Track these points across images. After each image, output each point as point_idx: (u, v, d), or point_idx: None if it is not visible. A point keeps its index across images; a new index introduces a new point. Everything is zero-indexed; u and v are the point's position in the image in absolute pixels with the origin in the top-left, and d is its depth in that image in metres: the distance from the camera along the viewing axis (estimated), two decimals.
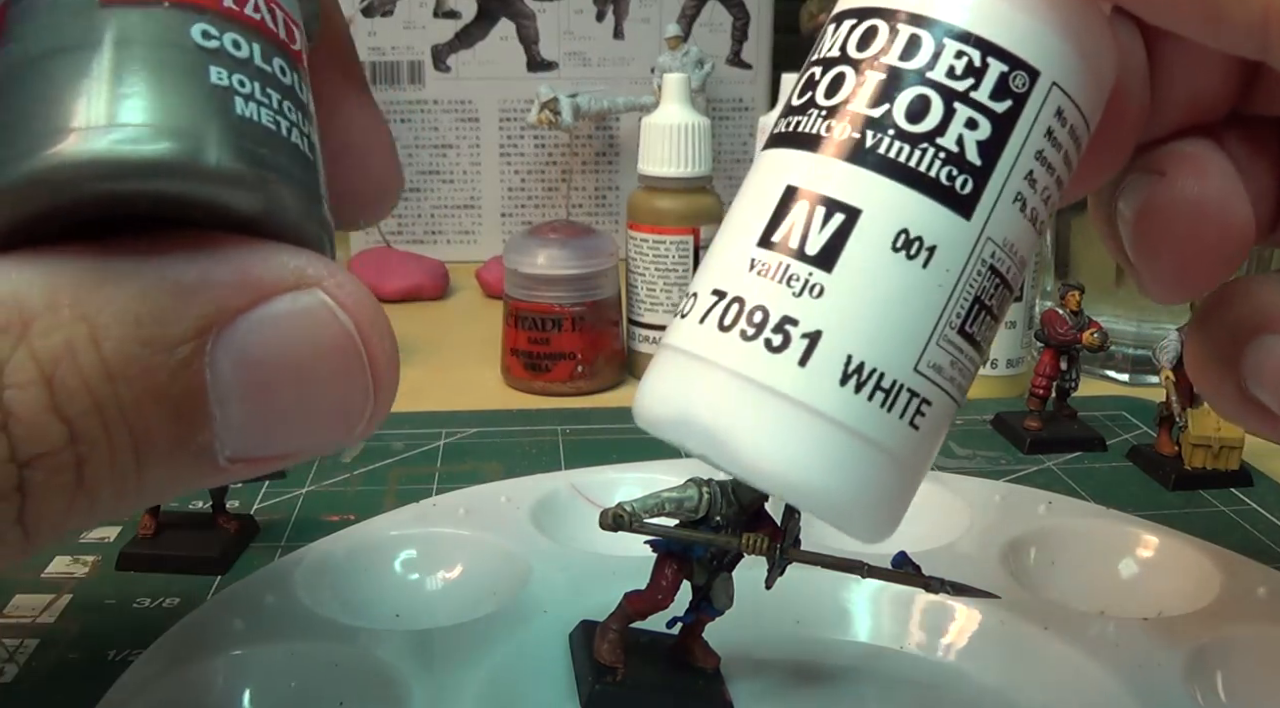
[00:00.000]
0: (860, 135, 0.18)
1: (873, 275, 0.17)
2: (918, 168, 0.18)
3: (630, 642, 0.31)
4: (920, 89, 0.18)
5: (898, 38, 0.18)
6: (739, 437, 0.18)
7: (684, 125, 0.61)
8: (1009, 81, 0.18)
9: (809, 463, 0.17)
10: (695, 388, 0.18)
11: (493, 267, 0.79)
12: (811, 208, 0.18)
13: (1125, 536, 0.39)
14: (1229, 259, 0.22)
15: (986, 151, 0.18)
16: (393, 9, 0.86)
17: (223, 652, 0.32)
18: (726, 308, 0.18)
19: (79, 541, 0.41)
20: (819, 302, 0.17)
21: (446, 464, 0.49)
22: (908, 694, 0.33)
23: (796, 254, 0.18)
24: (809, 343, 0.17)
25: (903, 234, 0.18)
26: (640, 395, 0.19)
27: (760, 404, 0.17)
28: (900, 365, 0.18)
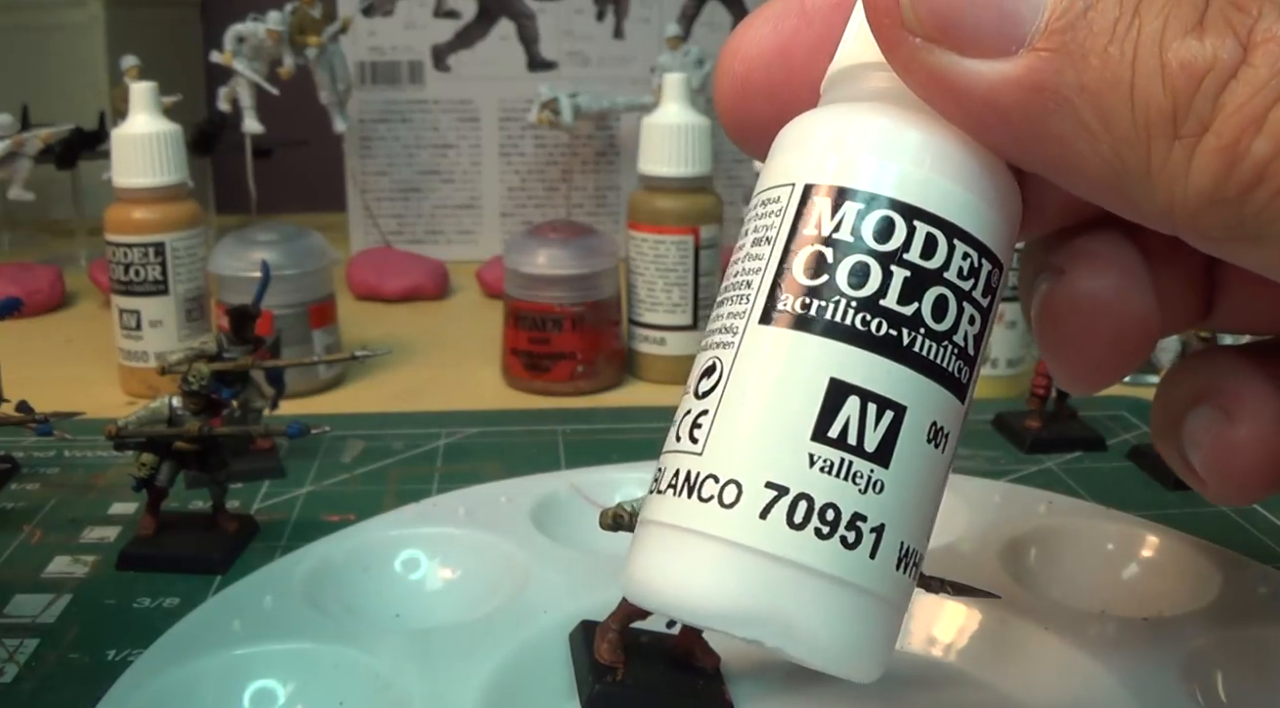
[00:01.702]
0: (898, 333, 0.19)
1: (918, 468, 0.19)
2: (943, 365, 0.19)
3: (630, 642, 0.31)
4: (941, 289, 0.19)
5: (915, 236, 0.19)
6: (816, 626, 0.19)
7: (684, 125, 0.61)
8: (991, 278, 0.20)
9: (868, 638, 0.19)
10: (769, 583, 0.19)
11: (493, 267, 0.79)
12: (864, 404, 0.19)
13: (1125, 536, 0.39)
14: (1130, 352, 0.23)
15: (977, 343, 0.20)
16: (393, 9, 0.86)
17: (223, 652, 0.32)
18: (793, 504, 0.18)
19: (79, 541, 0.41)
20: (881, 497, 0.19)
21: (446, 464, 0.49)
22: (908, 694, 0.33)
23: (856, 451, 0.19)
24: (876, 537, 0.19)
25: (934, 426, 0.19)
26: (667, 582, 0.19)
27: (837, 596, 0.19)
28: (923, 539, 0.20)
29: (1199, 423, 0.24)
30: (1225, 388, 0.24)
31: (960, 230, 0.19)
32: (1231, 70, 0.17)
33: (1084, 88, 0.17)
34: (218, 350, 0.42)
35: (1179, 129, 0.17)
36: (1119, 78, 0.17)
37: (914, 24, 0.19)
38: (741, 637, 0.19)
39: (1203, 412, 0.24)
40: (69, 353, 0.67)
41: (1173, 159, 0.17)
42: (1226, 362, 0.24)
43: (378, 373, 0.63)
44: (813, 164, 0.20)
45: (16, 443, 0.49)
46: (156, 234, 0.57)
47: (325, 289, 0.60)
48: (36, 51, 0.97)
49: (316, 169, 0.95)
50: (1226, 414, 0.23)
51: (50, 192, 0.86)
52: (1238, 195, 0.17)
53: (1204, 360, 0.25)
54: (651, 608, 0.20)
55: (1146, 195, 0.18)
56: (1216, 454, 0.24)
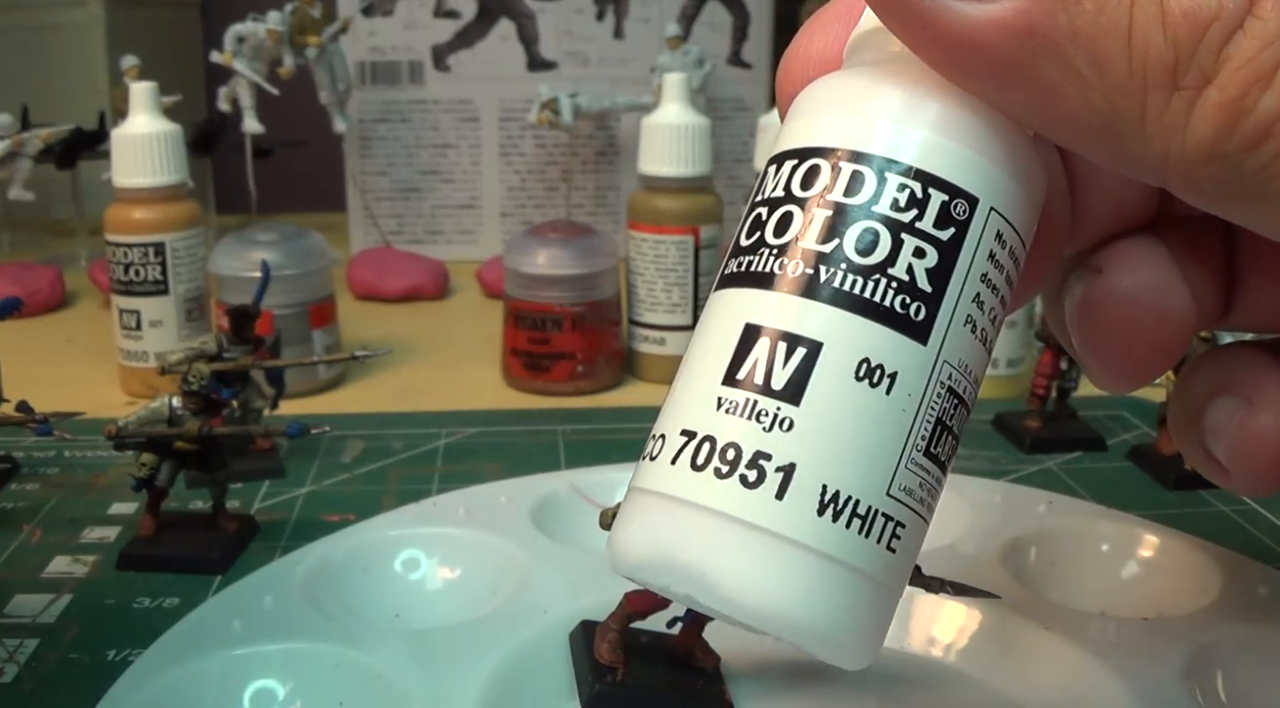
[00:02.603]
0: (814, 271, 0.18)
1: (839, 406, 0.18)
2: (872, 299, 0.18)
3: (630, 642, 0.31)
4: (868, 223, 0.18)
5: (840, 175, 0.19)
6: (723, 575, 0.18)
7: (684, 125, 0.61)
8: (951, 210, 0.19)
9: (794, 595, 0.18)
10: (674, 530, 0.18)
11: (493, 267, 0.79)
12: (773, 344, 0.18)
13: (1125, 535, 0.39)
14: (1169, 348, 0.23)
15: (935, 278, 0.19)
16: (393, 9, 0.86)
17: (223, 652, 0.32)
18: (698, 447, 0.18)
19: (79, 541, 0.41)
20: (789, 435, 0.18)
21: (446, 464, 0.49)
22: (908, 694, 0.33)
23: (762, 390, 0.18)
24: (784, 476, 0.18)
25: (864, 363, 0.18)
26: (616, 542, 0.19)
27: (741, 541, 0.18)
28: (874, 491, 0.18)
29: (1221, 413, 0.23)
30: (1246, 378, 0.23)
31: (895, 163, 0.19)
32: (1237, 21, 0.16)
33: (1077, 33, 0.17)
34: (218, 350, 0.42)
35: (1179, 80, 0.17)
36: (1115, 24, 0.17)
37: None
38: (659, 586, 0.19)
39: (1224, 402, 0.23)
40: (69, 353, 0.67)
41: (1171, 111, 0.17)
42: (1244, 355, 0.24)
43: (378, 373, 0.63)
44: (780, 138, 0.20)
45: (16, 443, 0.49)
46: (156, 234, 0.57)
47: (325, 289, 0.60)
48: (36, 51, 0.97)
49: (316, 169, 0.95)
50: (1249, 403, 0.23)
51: (50, 192, 0.86)
52: (1239, 151, 0.17)
53: (1221, 355, 0.24)
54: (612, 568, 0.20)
55: (1140, 146, 0.18)
56: (1241, 442, 0.23)
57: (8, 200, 0.79)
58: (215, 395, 0.40)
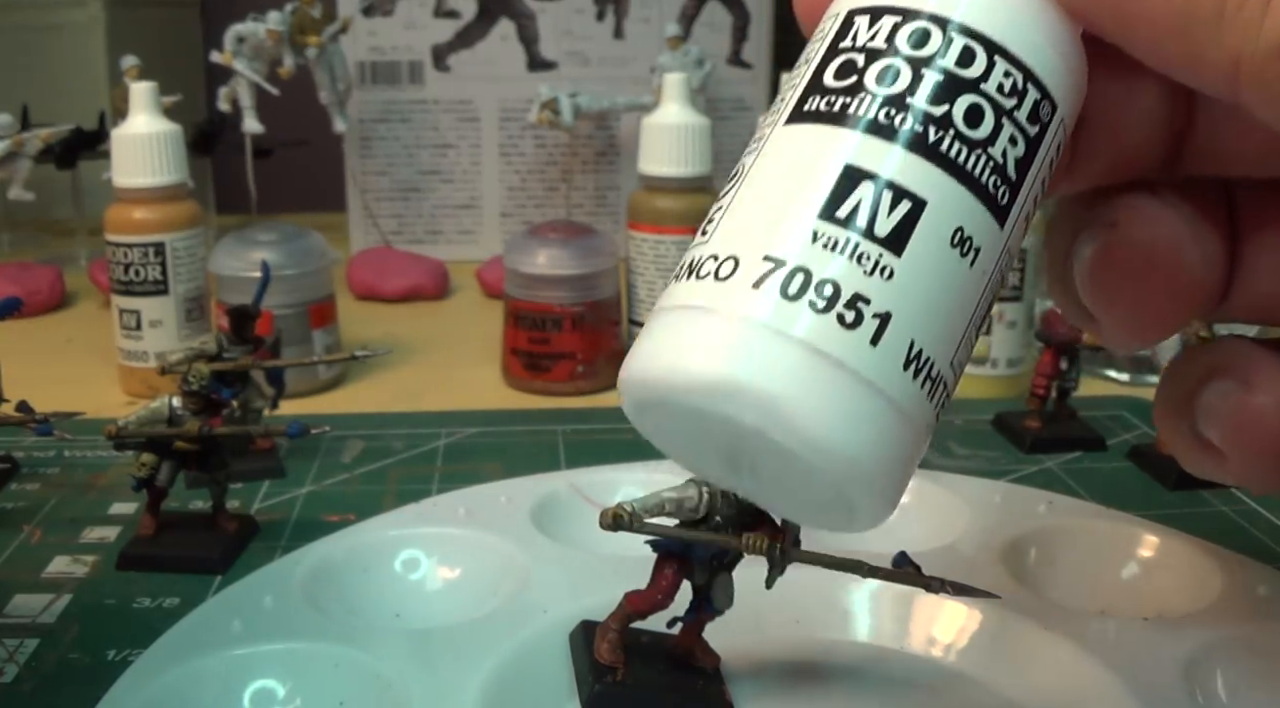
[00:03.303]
0: (924, 129, 0.18)
1: (935, 266, 0.18)
2: (974, 172, 0.18)
3: (630, 642, 0.31)
4: (976, 98, 0.18)
5: (953, 45, 0.19)
6: (804, 408, 0.17)
7: (684, 125, 0.61)
8: (1039, 109, 0.19)
9: (865, 440, 0.17)
10: (753, 352, 0.17)
11: (493, 267, 0.79)
12: (879, 191, 0.18)
13: (1125, 536, 0.39)
14: (1183, 303, 0.23)
15: (1020, 169, 0.19)
16: (393, 9, 0.86)
17: (223, 652, 0.32)
18: (789, 276, 0.17)
19: (79, 541, 0.41)
20: (889, 284, 0.17)
21: (446, 464, 0.49)
22: (908, 694, 0.33)
23: (866, 233, 0.18)
24: (880, 323, 0.17)
25: (958, 231, 0.18)
26: (655, 360, 0.18)
27: (828, 378, 0.17)
28: (944, 357, 0.18)
29: (1215, 395, 0.23)
30: (1242, 362, 0.23)
31: (1002, 49, 0.19)
32: None
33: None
34: (218, 350, 0.42)
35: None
36: None
37: None
38: (724, 414, 0.17)
39: (1219, 384, 0.23)
40: (69, 353, 0.67)
41: (1248, 7, 0.17)
42: (1240, 344, 0.24)
43: (378, 373, 0.63)
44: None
45: (16, 443, 0.49)
46: (156, 234, 0.57)
47: (325, 289, 0.60)
48: (36, 51, 0.97)
49: (316, 169, 0.95)
50: (1245, 384, 0.23)
51: (50, 191, 0.86)
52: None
53: (1215, 345, 0.24)
54: (634, 395, 0.19)
55: (1213, 43, 0.17)
56: (1237, 423, 0.23)
57: (8, 200, 0.79)
58: (215, 395, 0.40)
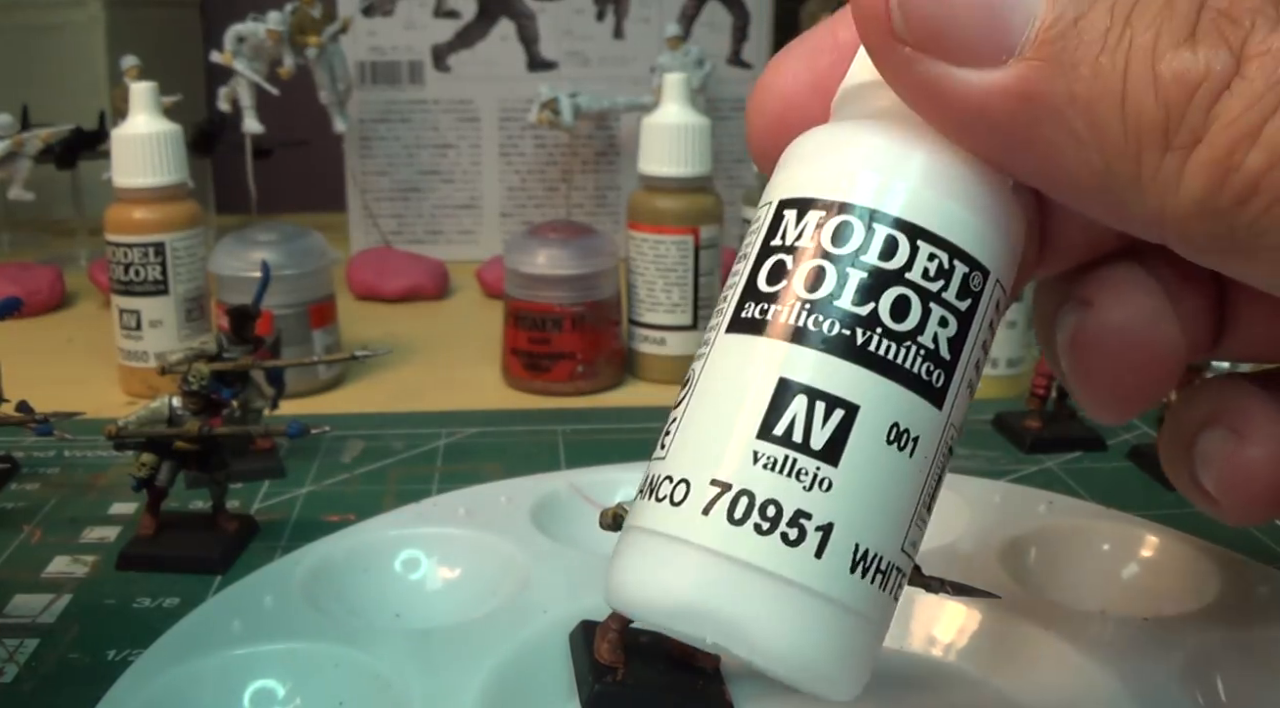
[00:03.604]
0: (851, 333, 0.19)
1: (872, 468, 0.19)
2: (904, 365, 0.19)
3: (630, 642, 0.31)
4: (901, 289, 0.19)
5: (874, 237, 0.19)
6: (758, 627, 0.18)
7: (684, 125, 0.61)
8: (969, 282, 0.19)
9: (823, 646, 0.19)
10: (708, 581, 0.18)
11: (493, 267, 0.79)
12: (811, 402, 0.18)
13: (1125, 536, 0.39)
14: (1158, 381, 0.24)
15: (954, 347, 0.19)
16: (393, 9, 0.86)
17: (223, 652, 0.32)
18: (734, 501, 0.18)
19: (79, 541, 0.41)
20: (828, 495, 0.18)
21: (446, 464, 0.49)
22: (908, 694, 0.33)
23: (801, 448, 0.18)
24: (823, 535, 0.18)
25: (894, 427, 0.19)
26: (630, 586, 0.20)
27: (778, 595, 0.18)
28: (892, 547, 0.19)
29: (1211, 444, 0.24)
30: (1236, 410, 0.24)
31: (923, 231, 0.19)
32: (1225, 82, 0.17)
33: (1075, 97, 0.18)
34: (218, 350, 0.42)
35: (1171, 140, 0.17)
36: (1110, 88, 0.17)
37: (904, 32, 0.19)
38: (689, 635, 0.19)
39: (1215, 433, 0.24)
40: (69, 353, 0.67)
41: (1164, 169, 0.17)
42: (1236, 386, 0.24)
43: (378, 373, 0.63)
44: (784, 180, 0.20)
45: (16, 443, 0.49)
46: (156, 234, 0.57)
47: (325, 289, 0.60)
48: (36, 51, 0.97)
49: (316, 169, 0.95)
50: (1238, 435, 0.24)
51: (50, 191, 0.86)
52: (1230, 207, 0.17)
53: (1213, 387, 0.25)
54: (617, 609, 0.20)
55: (1137, 204, 0.18)
56: (1229, 474, 0.24)
57: (8, 200, 0.79)
58: (215, 395, 0.40)
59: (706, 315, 0.62)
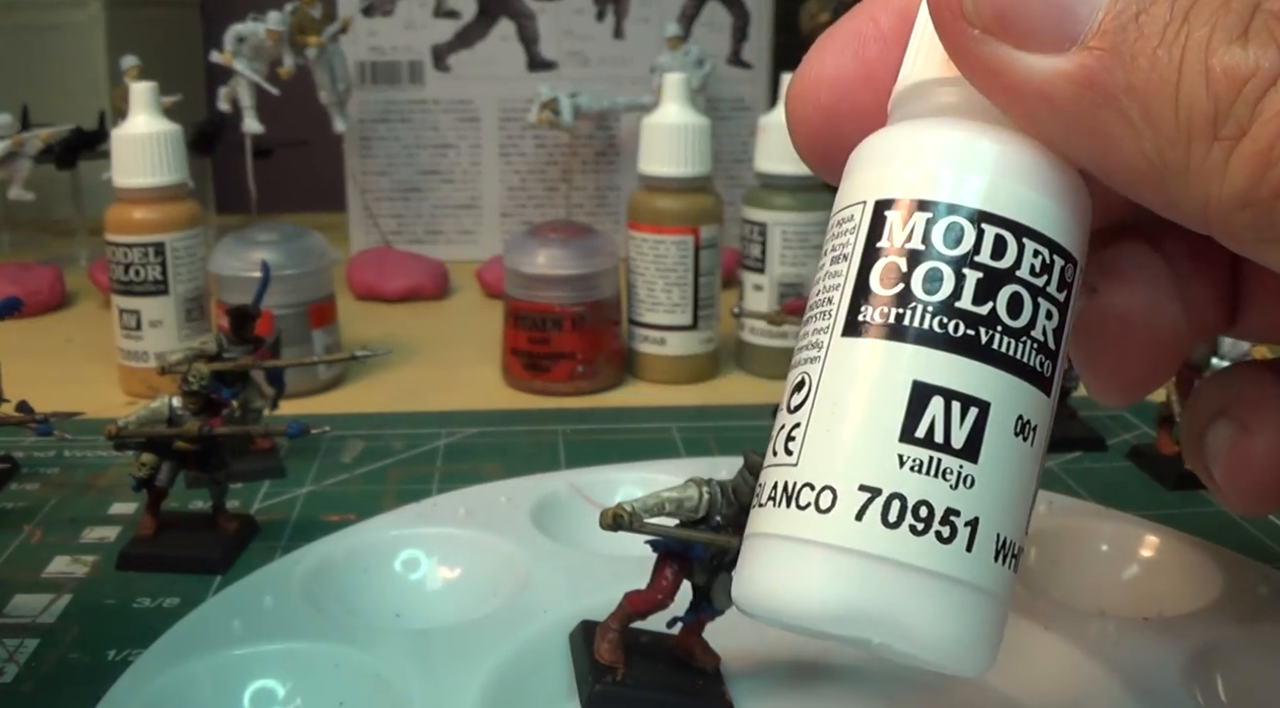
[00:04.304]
0: (975, 332, 0.20)
1: (1006, 461, 0.20)
2: (1023, 360, 0.20)
3: (630, 642, 0.31)
4: (1014, 287, 0.20)
5: (985, 237, 0.20)
6: (920, 622, 0.19)
7: (684, 125, 0.61)
8: (1064, 274, 0.20)
9: (976, 634, 0.20)
10: (869, 582, 0.19)
11: (493, 267, 0.79)
12: (947, 403, 0.19)
13: (1125, 535, 0.39)
14: (1159, 366, 0.25)
15: (1057, 337, 0.20)
16: (393, 9, 0.86)
17: (223, 652, 0.32)
18: (886, 504, 0.19)
19: (79, 541, 0.41)
20: (972, 492, 0.19)
21: (446, 464, 0.49)
22: (908, 694, 0.33)
23: (944, 448, 0.19)
24: (971, 530, 0.19)
25: (1019, 419, 0.20)
26: (775, 592, 0.20)
27: (936, 591, 0.19)
28: (1021, 532, 0.20)
29: (1218, 436, 0.25)
30: (1244, 401, 0.24)
31: (1029, 230, 0.20)
32: (1272, 79, 0.17)
33: (1132, 87, 0.18)
34: (218, 350, 0.42)
35: (1218, 132, 0.18)
36: (1165, 79, 0.18)
37: (974, 17, 0.19)
38: (850, 637, 0.20)
39: (1222, 425, 0.25)
40: (69, 353, 0.67)
41: (1211, 160, 0.18)
42: (1249, 376, 0.25)
43: (378, 373, 0.63)
44: (881, 180, 0.21)
45: (16, 443, 0.49)
46: (156, 234, 0.57)
47: (325, 289, 0.60)
48: (36, 51, 0.97)
49: (316, 169, 0.95)
50: (1243, 427, 0.24)
51: (50, 191, 0.86)
52: (1270, 198, 0.18)
53: (1226, 377, 0.25)
54: (761, 617, 0.21)
55: (1184, 192, 0.19)
56: (1232, 465, 0.24)
57: (8, 200, 0.79)
58: (215, 395, 0.40)
59: (706, 315, 0.62)
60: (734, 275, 0.70)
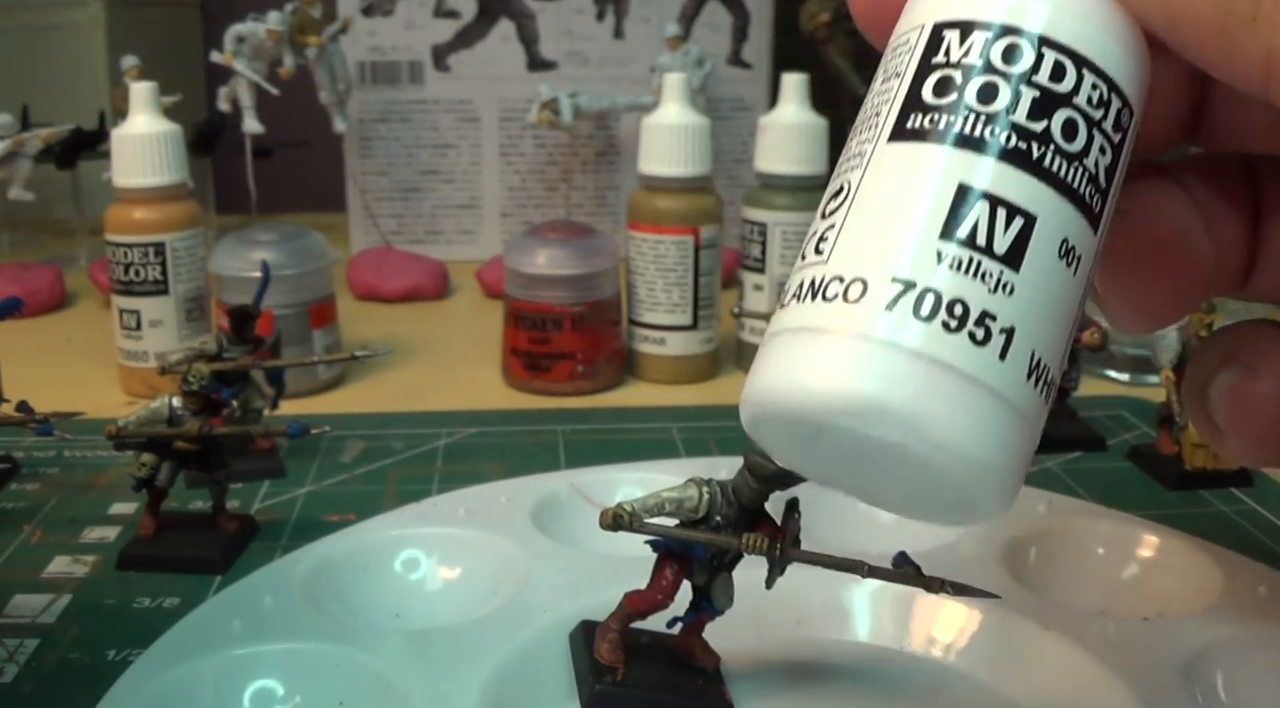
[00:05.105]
0: (1027, 146, 0.19)
1: (1047, 278, 0.19)
2: (1073, 184, 0.19)
3: (630, 642, 0.31)
4: (1070, 112, 0.19)
5: (1045, 60, 0.19)
6: (941, 421, 0.18)
7: (684, 125, 0.61)
8: (1121, 117, 0.20)
9: (1000, 449, 0.19)
10: (892, 373, 0.18)
11: (493, 267, 0.79)
12: (993, 208, 0.19)
13: (1125, 536, 0.39)
14: (1188, 293, 0.24)
15: (1109, 175, 0.20)
16: (393, 9, 0.86)
17: (223, 652, 0.32)
18: (920, 297, 0.18)
19: (79, 541, 0.41)
20: (1011, 299, 0.19)
21: (446, 464, 0.49)
22: (908, 694, 0.33)
23: (985, 251, 0.19)
24: (1006, 338, 0.18)
25: (1064, 242, 0.19)
26: (787, 383, 0.19)
27: (963, 393, 0.18)
28: (1056, 359, 0.19)
29: (1224, 379, 0.24)
30: (1252, 347, 0.24)
31: (1089, 62, 0.20)
32: None
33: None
34: (218, 350, 0.42)
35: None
36: None
37: None
38: (857, 432, 0.18)
39: (1227, 371, 0.24)
40: (69, 353, 0.67)
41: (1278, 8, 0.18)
42: (1255, 328, 0.25)
43: (378, 373, 0.63)
44: (941, 4, 0.20)
45: (16, 443, 0.49)
46: (156, 234, 0.57)
47: (325, 289, 0.60)
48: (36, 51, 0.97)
49: (316, 169, 0.95)
50: (1250, 369, 0.24)
51: (50, 192, 0.86)
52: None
53: (1233, 329, 0.25)
54: (765, 410, 0.19)
55: (1249, 42, 0.18)
56: (1237, 406, 0.24)
57: (8, 200, 0.79)
58: (215, 395, 0.40)
59: (706, 315, 0.62)
60: (734, 275, 0.70)
